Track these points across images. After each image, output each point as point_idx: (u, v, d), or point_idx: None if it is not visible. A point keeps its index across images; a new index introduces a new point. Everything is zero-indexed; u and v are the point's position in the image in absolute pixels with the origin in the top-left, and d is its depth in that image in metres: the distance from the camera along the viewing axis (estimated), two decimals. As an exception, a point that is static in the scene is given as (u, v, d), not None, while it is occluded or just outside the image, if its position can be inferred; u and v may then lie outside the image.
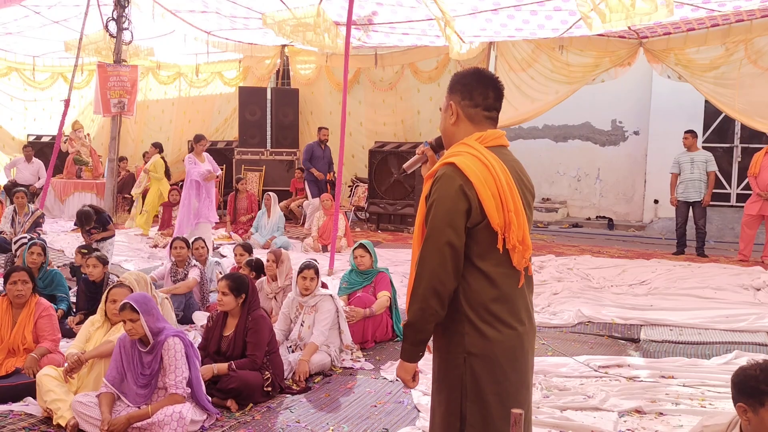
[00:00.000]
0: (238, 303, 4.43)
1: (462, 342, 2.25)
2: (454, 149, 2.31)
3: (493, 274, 2.24)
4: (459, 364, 2.25)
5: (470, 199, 2.18)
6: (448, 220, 2.18)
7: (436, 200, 2.21)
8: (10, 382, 4.21)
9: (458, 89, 2.37)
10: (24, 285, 4.54)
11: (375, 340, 5.59)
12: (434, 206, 2.22)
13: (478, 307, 2.23)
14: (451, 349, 2.28)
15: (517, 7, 8.99)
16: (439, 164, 2.29)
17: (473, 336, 2.23)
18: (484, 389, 2.24)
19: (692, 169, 9.62)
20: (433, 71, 12.40)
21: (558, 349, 5.40)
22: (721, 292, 7.20)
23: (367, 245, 5.94)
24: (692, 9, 8.54)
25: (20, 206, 9.18)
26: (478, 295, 2.23)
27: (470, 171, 2.19)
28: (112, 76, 11.82)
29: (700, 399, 4.34)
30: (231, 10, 11.14)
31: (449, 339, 2.29)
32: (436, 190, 2.22)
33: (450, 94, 2.40)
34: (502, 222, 2.21)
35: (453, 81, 2.42)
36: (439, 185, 2.22)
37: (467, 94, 2.35)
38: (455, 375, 2.27)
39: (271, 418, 4.06)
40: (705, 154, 9.73)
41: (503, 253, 2.23)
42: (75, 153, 13.12)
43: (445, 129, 2.42)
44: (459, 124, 2.37)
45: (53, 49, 14.64)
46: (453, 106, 2.36)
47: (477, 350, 2.24)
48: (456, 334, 2.26)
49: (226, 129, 15.07)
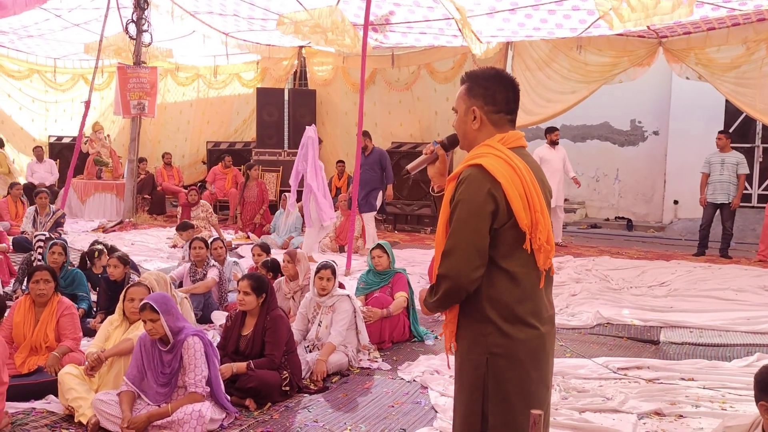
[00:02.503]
0: (258, 302, 4.45)
1: (484, 342, 2.24)
2: (477, 151, 2.30)
3: (518, 274, 2.23)
4: (481, 364, 2.25)
5: (497, 201, 2.18)
6: (474, 221, 2.18)
7: (463, 201, 2.20)
8: (32, 380, 4.27)
9: (480, 93, 2.33)
10: (46, 284, 4.60)
11: (392, 341, 5.59)
12: (460, 206, 2.20)
13: (502, 308, 2.23)
14: (473, 349, 2.27)
15: (534, 6, 8.96)
16: (464, 165, 2.27)
17: (496, 336, 2.23)
18: (507, 390, 2.24)
19: (722, 170, 9.47)
20: (449, 71, 12.39)
21: (576, 351, 5.37)
22: (742, 293, 7.13)
23: (384, 246, 5.94)
24: (712, 8, 8.46)
25: (42, 206, 9.31)
26: (502, 295, 2.23)
27: (498, 172, 2.18)
28: (131, 78, 11.94)
29: (720, 401, 4.30)
30: (249, 11, 11.22)
31: (471, 340, 2.29)
32: (463, 191, 2.21)
33: (470, 97, 2.35)
34: (530, 222, 2.20)
35: (471, 83, 2.36)
36: (465, 186, 2.21)
37: (490, 99, 2.32)
38: (477, 375, 2.26)
39: (289, 417, 4.08)
40: (737, 156, 9.56)
41: (528, 253, 2.23)
42: (95, 154, 13.27)
43: (466, 133, 2.38)
44: (482, 129, 2.34)
45: (74, 51, 14.82)
46: (476, 112, 2.33)
47: (500, 350, 2.23)
48: (478, 334, 2.26)
49: (244, 130, 15.16)
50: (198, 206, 10.50)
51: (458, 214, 2.20)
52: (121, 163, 13.52)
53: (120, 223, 11.80)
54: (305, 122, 13.57)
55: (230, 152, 14.24)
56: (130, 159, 12.32)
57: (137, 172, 12.55)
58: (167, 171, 13.77)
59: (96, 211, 12.67)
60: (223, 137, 15.12)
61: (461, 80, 2.42)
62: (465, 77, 2.40)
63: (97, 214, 12.57)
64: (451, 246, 2.21)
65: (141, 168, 13.09)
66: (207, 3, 11.16)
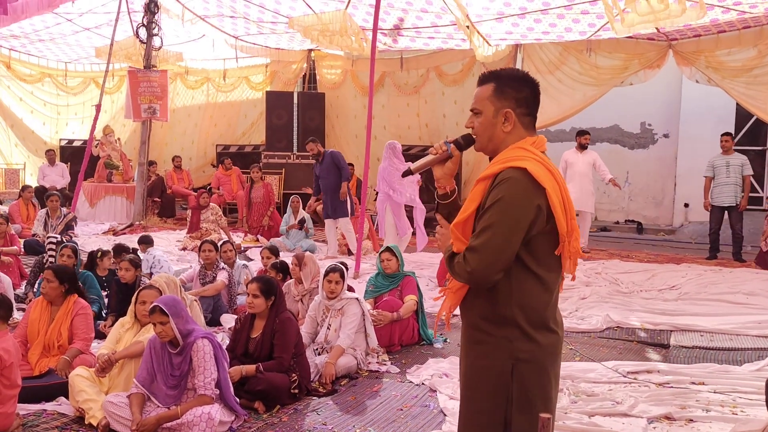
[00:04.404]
0: (267, 305, 4.47)
1: (509, 347, 2.19)
2: (514, 153, 2.21)
3: (548, 280, 2.22)
4: (505, 370, 2.19)
5: (540, 207, 2.13)
6: (512, 224, 2.11)
7: (503, 201, 2.11)
8: (43, 382, 4.29)
9: (512, 95, 2.25)
10: (48, 284, 4.63)
11: (401, 344, 5.59)
12: (499, 206, 2.12)
13: (531, 313, 2.19)
14: (496, 355, 2.20)
15: (543, 11, 8.95)
16: (502, 166, 2.18)
17: (522, 341, 2.18)
18: (532, 395, 2.19)
19: (728, 173, 9.40)
20: (458, 74, 12.38)
21: (586, 354, 5.35)
22: (753, 297, 7.08)
23: (393, 249, 5.94)
24: (723, 11, 8.43)
25: (53, 209, 9.38)
26: (533, 301, 2.19)
27: (542, 178, 2.13)
28: (142, 82, 12.02)
29: (731, 406, 4.27)
30: (258, 15, 11.27)
31: (493, 345, 2.22)
32: (503, 191, 2.12)
33: (500, 99, 2.26)
34: (568, 228, 2.18)
35: (500, 84, 2.27)
36: (507, 187, 2.12)
37: (522, 101, 2.27)
38: (500, 382, 2.20)
39: (298, 420, 4.09)
40: (741, 158, 9.51)
41: (556, 259, 2.22)
42: (106, 157, 13.34)
43: (494, 135, 2.27)
44: (513, 131, 2.27)
45: (85, 55, 14.94)
46: (510, 114, 2.25)
47: (526, 356, 2.18)
48: (502, 339, 2.20)
49: (252, 133, 15.22)
50: (207, 209, 10.53)
51: (496, 214, 2.12)
52: (131, 166, 13.60)
53: (130, 225, 11.85)
54: (314, 125, 13.68)
55: (239, 155, 14.29)
56: (141, 162, 12.38)
57: (147, 175, 12.62)
58: (177, 174, 13.84)
59: (106, 214, 12.73)
60: (230, 140, 15.17)
61: (483, 79, 2.32)
62: (489, 77, 2.30)
63: (108, 217, 12.63)
64: (483, 243, 2.12)
65: (151, 171, 13.16)
66: (217, 7, 11.22)
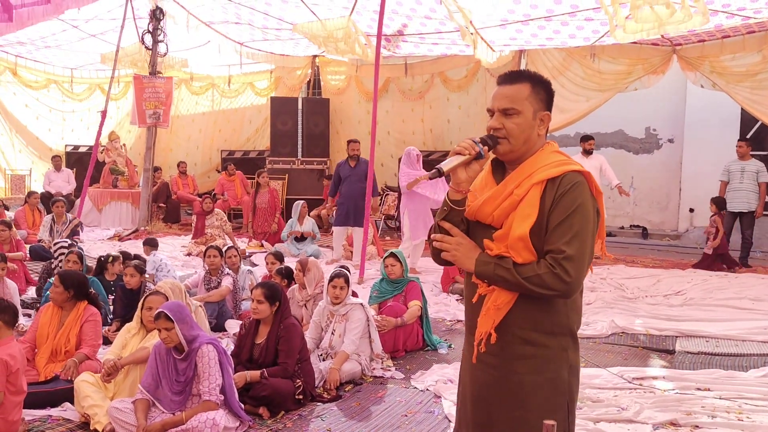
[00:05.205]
0: (272, 311, 4.48)
1: (566, 357, 2.19)
2: (558, 157, 2.18)
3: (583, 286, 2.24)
4: (563, 381, 2.18)
5: (598, 211, 2.16)
6: (593, 230, 2.11)
7: (583, 206, 2.08)
8: (48, 387, 4.30)
9: (547, 100, 2.24)
10: (54, 288, 4.66)
11: (406, 350, 5.59)
12: (581, 213, 2.07)
13: (578, 319, 2.24)
14: (549, 366, 2.17)
15: (547, 18, 8.95)
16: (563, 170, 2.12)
17: (573, 349, 2.22)
18: (575, 403, 2.24)
19: (742, 179, 9.39)
20: (462, 80, 12.41)
21: (591, 360, 5.34)
22: (759, 302, 7.05)
23: (398, 254, 5.95)
24: (727, 17, 8.41)
25: (59, 215, 9.42)
26: (579, 307, 2.24)
27: (595, 184, 2.14)
28: (147, 88, 12.08)
29: (737, 412, 4.25)
30: (263, 21, 11.31)
31: (547, 358, 2.17)
32: (580, 196, 2.08)
33: (539, 101, 2.21)
34: (603, 234, 2.23)
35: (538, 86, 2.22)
36: (581, 192, 2.09)
37: (551, 104, 2.27)
38: (559, 393, 2.17)
39: (302, 426, 4.09)
40: (757, 164, 9.48)
41: None
42: (111, 163, 13.40)
43: (530, 137, 2.20)
44: (543, 136, 2.26)
45: (90, 61, 15.02)
46: (548, 117, 2.23)
47: (575, 363, 2.23)
48: (558, 349, 2.18)
49: (257, 139, 15.27)
50: (212, 214, 10.56)
51: (581, 220, 2.07)
52: (136, 171, 13.66)
53: (135, 231, 11.89)
54: (318, 131, 13.72)
55: (244, 161, 14.32)
56: (146, 168, 12.43)
57: (153, 181, 12.66)
58: (182, 180, 13.89)
59: (112, 220, 12.79)
60: (235, 146, 15.22)
61: (512, 78, 2.22)
62: (520, 76, 2.23)
63: (113, 223, 12.69)
64: (579, 251, 2.05)
65: (156, 177, 13.21)
66: (222, 13, 11.27)
